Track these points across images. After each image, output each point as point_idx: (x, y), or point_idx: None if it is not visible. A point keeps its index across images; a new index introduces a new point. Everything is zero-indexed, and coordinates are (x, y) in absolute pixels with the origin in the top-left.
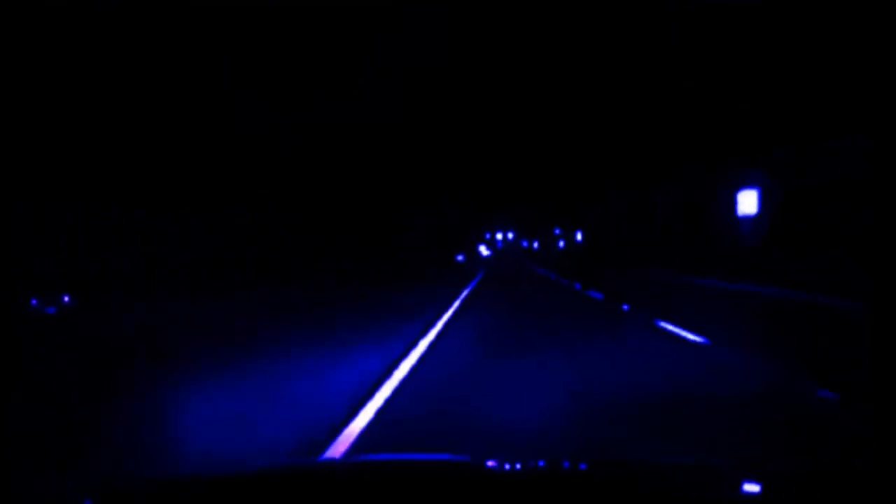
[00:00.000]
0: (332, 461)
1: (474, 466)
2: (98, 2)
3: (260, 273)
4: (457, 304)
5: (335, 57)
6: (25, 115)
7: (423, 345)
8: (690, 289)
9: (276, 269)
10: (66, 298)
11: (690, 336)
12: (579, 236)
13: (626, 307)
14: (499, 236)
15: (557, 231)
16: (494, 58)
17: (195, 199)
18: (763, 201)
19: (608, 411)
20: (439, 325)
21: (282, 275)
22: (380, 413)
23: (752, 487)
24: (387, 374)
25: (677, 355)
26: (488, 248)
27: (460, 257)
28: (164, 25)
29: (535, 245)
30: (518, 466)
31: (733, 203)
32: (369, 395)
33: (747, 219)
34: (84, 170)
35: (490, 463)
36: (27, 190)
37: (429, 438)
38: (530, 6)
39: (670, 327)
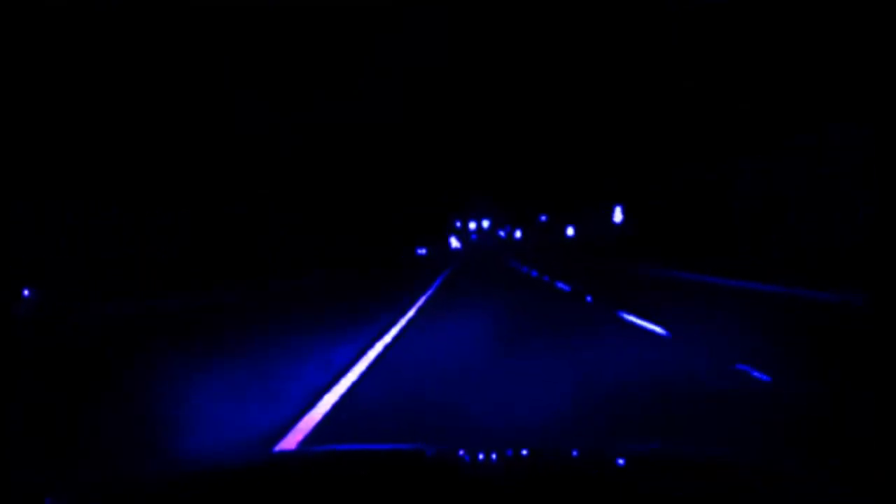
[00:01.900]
0: (287, 453)
1: (436, 457)
2: (98, 2)
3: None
4: None
5: (335, 57)
6: (25, 116)
7: None
8: None
9: (259, 268)
10: (26, 293)
11: None
12: (619, 215)
13: None
14: (472, 225)
15: (544, 218)
16: (493, 53)
17: (193, 198)
18: None
19: None
20: None
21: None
22: None
23: (746, 483)
24: None
25: None
26: (459, 239)
27: (422, 251)
28: (163, 25)
29: (518, 235)
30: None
31: None
32: None
33: None
34: (78, 168)
35: (455, 452)
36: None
37: None
38: (530, 4)
39: None
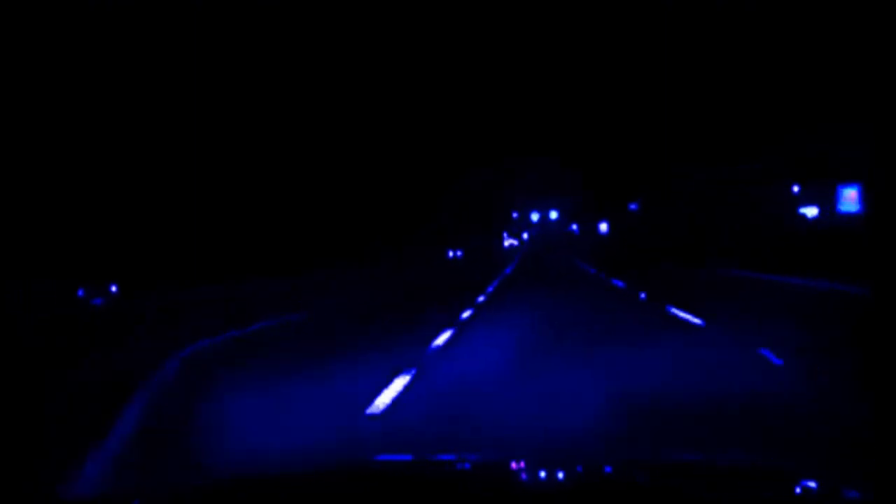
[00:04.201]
0: (333, 465)
1: (486, 467)
2: (100, 3)
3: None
4: None
5: (334, 55)
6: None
7: None
8: None
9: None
10: (114, 288)
11: None
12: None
13: None
14: (534, 217)
15: (634, 206)
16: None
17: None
18: None
19: None
20: None
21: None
22: None
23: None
24: None
25: None
26: (517, 233)
27: (456, 253)
28: (163, 25)
29: (604, 228)
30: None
31: None
32: None
33: None
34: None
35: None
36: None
37: None
38: None
39: None
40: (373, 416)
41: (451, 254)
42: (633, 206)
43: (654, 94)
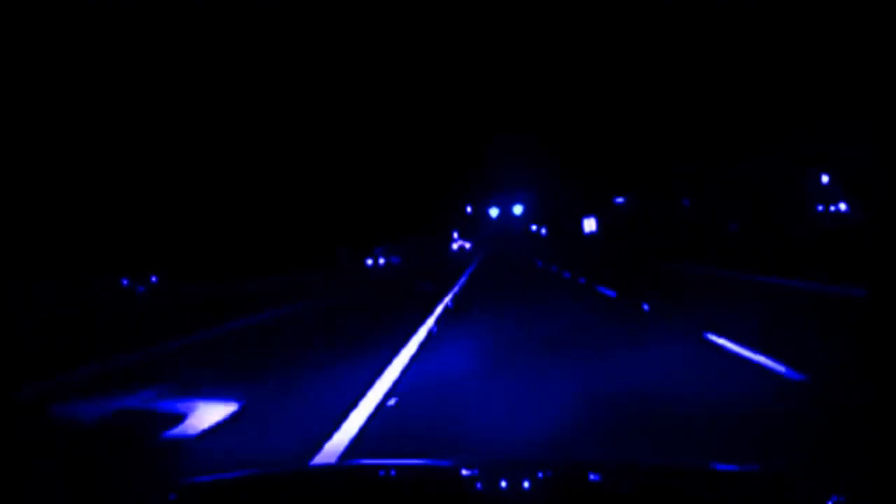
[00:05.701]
0: (327, 466)
1: (467, 474)
2: (104, 3)
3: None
4: None
5: (334, 54)
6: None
7: None
8: None
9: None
10: (154, 279)
11: None
12: None
13: None
14: (493, 212)
15: (619, 200)
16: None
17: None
18: None
19: None
20: None
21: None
22: None
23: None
24: None
25: None
26: (465, 235)
27: (392, 259)
28: (163, 26)
29: (590, 225)
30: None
31: None
32: None
33: None
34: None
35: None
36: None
37: None
38: None
39: None
40: None
41: (370, 262)
42: (618, 200)
43: (652, 89)
